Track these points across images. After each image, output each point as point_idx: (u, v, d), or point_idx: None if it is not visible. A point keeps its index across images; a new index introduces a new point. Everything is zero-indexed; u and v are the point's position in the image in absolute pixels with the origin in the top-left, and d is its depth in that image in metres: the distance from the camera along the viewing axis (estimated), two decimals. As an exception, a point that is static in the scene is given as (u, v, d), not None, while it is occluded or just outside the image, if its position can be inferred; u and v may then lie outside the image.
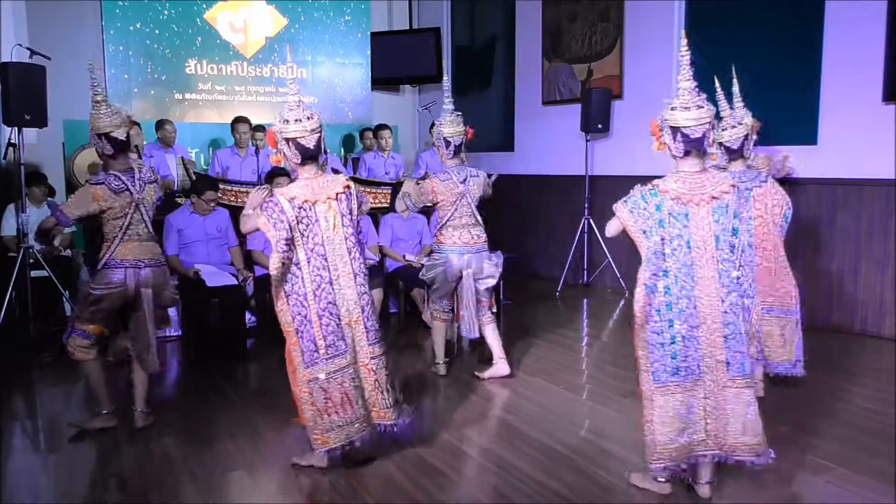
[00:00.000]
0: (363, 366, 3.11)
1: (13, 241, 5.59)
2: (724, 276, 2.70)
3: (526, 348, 5.15)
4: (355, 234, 3.14)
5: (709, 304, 2.70)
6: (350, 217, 3.13)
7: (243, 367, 4.89)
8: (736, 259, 2.70)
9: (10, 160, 5.54)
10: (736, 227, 2.70)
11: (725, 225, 2.69)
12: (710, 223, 2.69)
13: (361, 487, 3.01)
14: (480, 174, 4.39)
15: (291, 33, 8.47)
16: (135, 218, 3.50)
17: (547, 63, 7.97)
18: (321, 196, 3.01)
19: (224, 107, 8.10)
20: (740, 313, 2.71)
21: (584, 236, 7.20)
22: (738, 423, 2.73)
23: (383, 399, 3.13)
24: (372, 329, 3.12)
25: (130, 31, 7.62)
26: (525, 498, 2.91)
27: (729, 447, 2.75)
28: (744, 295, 2.72)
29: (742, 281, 2.72)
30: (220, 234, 5.39)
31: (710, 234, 2.69)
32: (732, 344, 2.71)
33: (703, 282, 2.70)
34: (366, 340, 3.10)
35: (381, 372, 3.14)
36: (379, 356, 3.14)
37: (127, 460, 3.33)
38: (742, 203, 2.75)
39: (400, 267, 5.73)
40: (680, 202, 2.70)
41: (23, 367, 4.74)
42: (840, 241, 5.54)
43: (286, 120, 3.01)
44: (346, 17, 8.77)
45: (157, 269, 3.60)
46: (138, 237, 3.53)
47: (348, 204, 3.13)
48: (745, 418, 2.72)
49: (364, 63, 8.90)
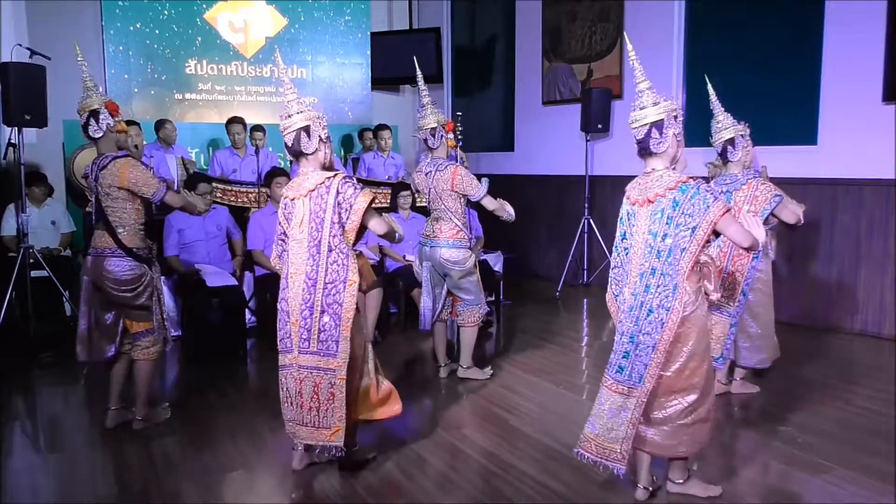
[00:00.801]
0: (294, 372, 3.01)
1: (13, 241, 5.60)
2: (642, 279, 2.64)
3: (526, 348, 5.15)
4: (328, 234, 2.92)
5: (628, 304, 2.69)
6: (320, 215, 2.93)
7: (243, 367, 4.89)
8: (657, 264, 2.60)
9: (10, 160, 5.54)
10: (667, 232, 2.58)
11: (656, 229, 2.61)
12: (646, 225, 2.65)
13: (361, 487, 3.01)
14: (447, 169, 4.18)
15: (291, 33, 8.48)
16: (96, 204, 3.48)
17: (547, 63, 7.97)
18: (301, 192, 3.00)
19: (224, 107, 8.10)
20: (642, 323, 2.61)
21: (584, 236, 7.20)
22: (608, 422, 2.68)
23: (310, 416, 2.98)
24: (308, 339, 2.95)
25: (130, 31, 7.63)
26: (525, 498, 2.91)
27: (601, 444, 2.72)
28: (660, 305, 2.58)
29: (660, 290, 2.59)
30: (220, 232, 5.40)
31: (642, 237, 2.67)
32: (638, 349, 2.63)
33: (631, 282, 2.69)
34: (298, 348, 2.98)
35: (308, 385, 2.97)
36: (310, 368, 2.96)
37: (127, 460, 3.33)
38: (686, 207, 2.54)
39: (400, 267, 5.73)
40: (629, 202, 2.74)
41: (23, 367, 4.74)
42: (840, 241, 5.54)
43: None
44: (346, 17, 8.78)
45: (97, 258, 3.44)
46: (97, 224, 3.50)
47: (321, 201, 2.93)
48: (605, 419, 2.69)
49: (364, 63, 8.90)
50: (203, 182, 5.25)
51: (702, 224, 2.53)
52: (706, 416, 2.68)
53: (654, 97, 2.69)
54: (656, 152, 2.66)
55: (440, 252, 4.24)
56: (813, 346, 5.04)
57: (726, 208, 2.54)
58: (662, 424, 2.68)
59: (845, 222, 5.50)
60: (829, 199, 5.58)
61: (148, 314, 3.53)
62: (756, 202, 3.73)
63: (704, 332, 2.65)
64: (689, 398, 2.63)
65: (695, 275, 2.60)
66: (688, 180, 2.60)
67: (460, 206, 4.25)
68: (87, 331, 3.57)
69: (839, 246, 5.55)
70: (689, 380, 2.62)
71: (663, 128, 2.64)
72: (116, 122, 3.44)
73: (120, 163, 3.39)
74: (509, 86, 8.65)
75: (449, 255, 4.23)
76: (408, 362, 4.87)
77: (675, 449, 2.71)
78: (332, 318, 2.94)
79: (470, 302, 4.35)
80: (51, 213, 6.08)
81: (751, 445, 3.37)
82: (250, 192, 6.04)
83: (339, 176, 2.98)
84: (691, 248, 2.54)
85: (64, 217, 6.18)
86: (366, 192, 2.98)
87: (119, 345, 3.60)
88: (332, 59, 8.72)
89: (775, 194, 3.73)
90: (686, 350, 2.60)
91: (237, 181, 6.20)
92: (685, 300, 2.57)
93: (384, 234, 3.11)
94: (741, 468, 3.11)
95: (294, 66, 8.51)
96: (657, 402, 2.66)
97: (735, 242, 2.67)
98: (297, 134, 2.96)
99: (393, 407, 3.26)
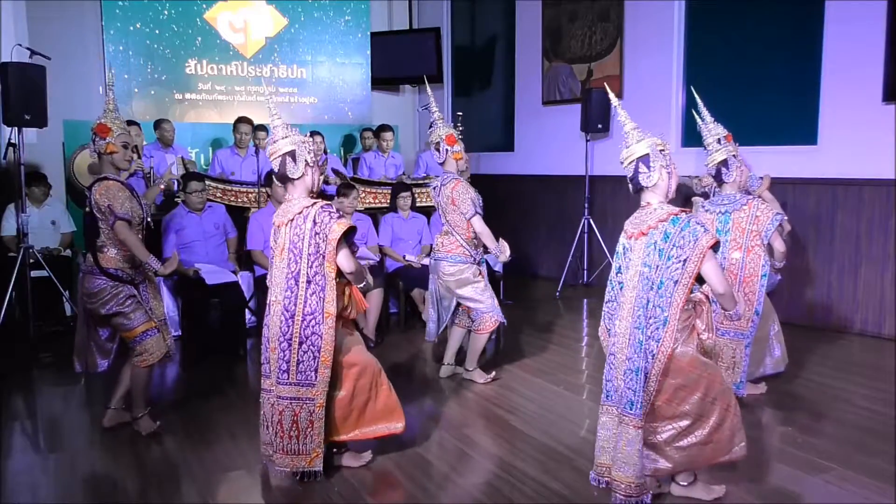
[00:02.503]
0: (272, 400, 3.01)
1: (13, 241, 5.60)
2: (636, 311, 2.66)
3: (526, 348, 5.15)
4: (305, 265, 2.88)
5: (622, 334, 2.70)
6: (298, 245, 2.88)
7: (243, 367, 4.88)
8: (651, 296, 2.62)
9: (10, 160, 5.54)
10: (659, 264, 2.61)
11: (650, 262, 2.64)
12: (640, 258, 2.68)
13: (361, 487, 3.01)
14: (449, 183, 4.22)
15: (291, 33, 8.48)
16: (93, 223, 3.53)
17: (547, 63, 7.97)
18: (286, 219, 2.96)
19: (224, 107, 8.10)
20: (641, 353, 2.61)
21: (584, 236, 7.20)
22: (614, 454, 2.70)
23: (290, 444, 2.98)
24: (287, 371, 2.94)
25: (130, 31, 7.62)
26: (525, 498, 2.91)
27: (612, 477, 2.72)
28: (651, 337, 2.60)
29: (651, 322, 2.60)
30: (217, 231, 5.40)
31: (636, 269, 2.69)
32: (629, 378, 2.64)
33: (625, 314, 2.71)
34: (276, 378, 2.98)
35: (287, 416, 2.97)
36: (290, 399, 2.95)
37: (127, 460, 3.33)
38: (677, 240, 2.57)
39: (400, 267, 5.73)
40: (625, 236, 2.77)
41: (23, 367, 4.74)
42: (840, 241, 5.54)
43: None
44: (346, 17, 8.77)
45: (82, 277, 3.53)
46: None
47: (300, 231, 2.88)
48: (616, 450, 2.69)
49: (364, 63, 8.89)
50: (193, 181, 5.27)
51: (692, 256, 2.55)
52: (706, 439, 2.70)
53: (639, 135, 2.73)
54: (646, 186, 2.70)
55: (441, 266, 4.31)
56: (813, 346, 5.04)
57: (715, 241, 2.57)
58: (665, 447, 2.71)
59: (845, 222, 5.50)
60: (829, 199, 5.58)
61: (125, 321, 3.50)
62: (759, 222, 3.80)
63: (693, 365, 2.66)
64: (682, 423, 2.68)
65: (684, 312, 2.62)
66: (679, 213, 2.63)
67: (464, 221, 4.24)
68: (83, 344, 3.64)
69: (839, 246, 5.55)
70: (679, 408, 2.67)
71: (650, 161, 2.68)
72: (106, 142, 3.45)
73: (99, 185, 3.43)
74: (509, 86, 8.64)
75: (445, 268, 4.29)
76: (408, 362, 4.87)
77: (678, 469, 2.78)
78: (311, 349, 2.92)
79: (480, 310, 4.33)
80: (51, 213, 6.07)
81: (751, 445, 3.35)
82: (250, 192, 6.05)
83: (318, 205, 2.91)
84: (683, 281, 2.57)
85: (64, 217, 6.18)
86: (342, 222, 2.86)
87: (113, 359, 3.71)
88: (332, 59, 8.72)
89: (776, 213, 3.84)
90: (673, 383, 2.64)
91: (237, 181, 6.21)
92: (676, 334, 2.60)
93: (350, 273, 2.93)
94: (741, 468, 3.11)
95: (294, 66, 8.51)
96: (651, 427, 2.69)
97: (710, 282, 2.62)
98: (283, 159, 2.93)
99: (394, 422, 3.18)
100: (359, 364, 3.08)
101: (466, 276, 4.28)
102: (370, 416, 3.14)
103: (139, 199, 3.57)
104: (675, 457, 2.71)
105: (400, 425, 3.19)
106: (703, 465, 2.82)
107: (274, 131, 2.98)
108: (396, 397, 3.20)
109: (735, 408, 2.74)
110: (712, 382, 2.68)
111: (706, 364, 2.71)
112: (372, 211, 6.17)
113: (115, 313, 3.48)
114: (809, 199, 5.68)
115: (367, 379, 3.09)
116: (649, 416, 2.65)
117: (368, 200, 6.37)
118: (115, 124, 3.48)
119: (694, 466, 2.81)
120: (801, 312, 5.68)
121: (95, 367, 3.68)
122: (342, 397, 3.06)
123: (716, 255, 2.63)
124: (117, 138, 3.46)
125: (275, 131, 2.98)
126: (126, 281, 3.48)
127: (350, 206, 5.17)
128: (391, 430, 3.19)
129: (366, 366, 3.10)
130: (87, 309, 3.56)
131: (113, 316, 3.49)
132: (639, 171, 2.69)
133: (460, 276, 4.27)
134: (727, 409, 2.71)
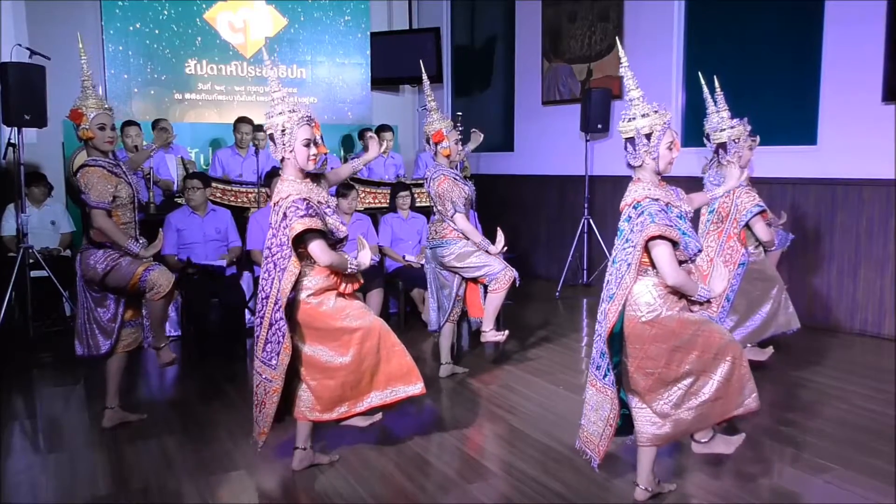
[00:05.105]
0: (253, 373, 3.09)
1: (13, 241, 5.59)
2: (609, 284, 2.72)
3: (526, 348, 5.15)
4: (274, 248, 2.92)
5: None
6: (276, 232, 2.92)
7: (243, 367, 4.88)
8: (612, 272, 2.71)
9: (9, 160, 5.54)
10: (617, 244, 2.70)
11: (617, 239, 2.71)
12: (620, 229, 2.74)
13: (361, 487, 3.01)
14: (437, 177, 4.31)
15: (291, 33, 8.48)
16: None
17: (547, 63, 7.97)
18: (276, 199, 2.99)
19: (224, 107, 8.10)
20: (604, 322, 2.70)
21: (584, 236, 7.20)
22: (587, 416, 2.79)
23: (257, 413, 3.07)
24: (262, 348, 2.97)
25: (130, 31, 7.63)
26: (526, 498, 2.91)
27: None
28: (606, 298, 2.72)
29: (608, 286, 2.72)
30: (219, 235, 5.38)
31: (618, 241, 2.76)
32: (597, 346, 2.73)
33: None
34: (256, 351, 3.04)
35: (256, 387, 3.05)
36: (258, 372, 3.01)
37: (127, 460, 3.33)
38: (634, 225, 2.61)
39: (400, 267, 5.73)
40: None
41: (23, 367, 4.74)
42: (840, 241, 5.54)
43: None
44: (346, 17, 8.78)
45: (81, 253, 3.57)
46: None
47: (276, 219, 2.91)
48: (589, 411, 2.77)
49: (364, 63, 8.90)
50: (192, 178, 5.26)
51: (638, 242, 2.58)
52: (715, 395, 2.68)
53: (644, 108, 2.69)
54: (634, 165, 2.71)
55: (437, 251, 4.35)
56: (813, 346, 5.04)
57: (660, 234, 2.55)
58: (675, 412, 2.69)
59: (845, 222, 5.50)
60: (828, 199, 5.58)
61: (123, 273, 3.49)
62: (738, 211, 3.89)
63: (683, 325, 2.64)
64: (686, 382, 2.68)
65: (662, 279, 2.61)
66: (644, 199, 2.62)
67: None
68: (83, 325, 3.61)
69: (839, 246, 5.55)
70: (679, 369, 2.66)
71: (636, 143, 2.67)
72: (82, 129, 3.45)
73: (81, 172, 3.45)
74: (509, 86, 8.65)
75: (443, 252, 4.34)
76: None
77: (692, 429, 2.79)
78: (277, 333, 2.91)
79: (492, 273, 4.32)
80: (50, 213, 6.08)
81: (751, 445, 3.36)
82: (250, 192, 6.05)
83: (290, 198, 2.89)
84: (634, 263, 2.60)
85: (64, 217, 6.18)
86: (304, 221, 2.82)
87: (115, 340, 3.60)
88: (332, 59, 8.72)
89: (756, 203, 3.88)
90: (666, 347, 2.63)
91: (237, 181, 6.21)
92: (629, 308, 2.64)
93: (328, 265, 2.92)
94: (741, 468, 3.11)
95: (294, 66, 8.51)
96: (657, 395, 2.68)
97: (659, 267, 2.60)
98: (269, 141, 2.97)
99: (412, 384, 3.10)
100: (361, 328, 3.01)
101: (466, 251, 4.32)
102: (384, 377, 3.07)
103: (127, 177, 3.54)
104: (687, 418, 2.70)
105: (419, 386, 3.10)
106: (717, 421, 2.80)
107: (272, 106, 2.95)
108: (412, 360, 3.12)
109: (742, 359, 2.72)
110: (710, 338, 2.67)
111: (698, 321, 2.69)
112: (371, 211, 6.18)
113: (110, 269, 3.47)
114: (809, 199, 5.68)
115: (372, 341, 3.02)
116: (654, 385, 2.66)
117: (368, 200, 6.37)
118: (89, 105, 3.44)
119: (708, 423, 2.80)
120: (801, 312, 5.62)
121: (98, 348, 3.60)
122: (348, 363, 2.99)
123: (678, 249, 2.62)
124: (92, 122, 3.43)
125: (273, 106, 2.95)
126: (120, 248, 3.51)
127: (349, 206, 5.16)
128: (409, 393, 3.09)
129: (370, 328, 3.03)
130: (86, 287, 3.55)
131: (110, 273, 3.47)
132: (626, 150, 2.71)
133: (460, 252, 4.31)
134: (733, 361, 2.69)
